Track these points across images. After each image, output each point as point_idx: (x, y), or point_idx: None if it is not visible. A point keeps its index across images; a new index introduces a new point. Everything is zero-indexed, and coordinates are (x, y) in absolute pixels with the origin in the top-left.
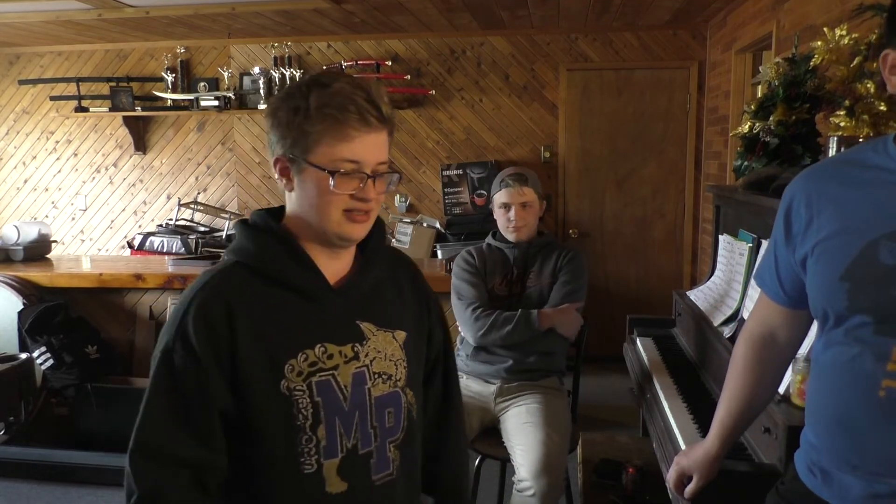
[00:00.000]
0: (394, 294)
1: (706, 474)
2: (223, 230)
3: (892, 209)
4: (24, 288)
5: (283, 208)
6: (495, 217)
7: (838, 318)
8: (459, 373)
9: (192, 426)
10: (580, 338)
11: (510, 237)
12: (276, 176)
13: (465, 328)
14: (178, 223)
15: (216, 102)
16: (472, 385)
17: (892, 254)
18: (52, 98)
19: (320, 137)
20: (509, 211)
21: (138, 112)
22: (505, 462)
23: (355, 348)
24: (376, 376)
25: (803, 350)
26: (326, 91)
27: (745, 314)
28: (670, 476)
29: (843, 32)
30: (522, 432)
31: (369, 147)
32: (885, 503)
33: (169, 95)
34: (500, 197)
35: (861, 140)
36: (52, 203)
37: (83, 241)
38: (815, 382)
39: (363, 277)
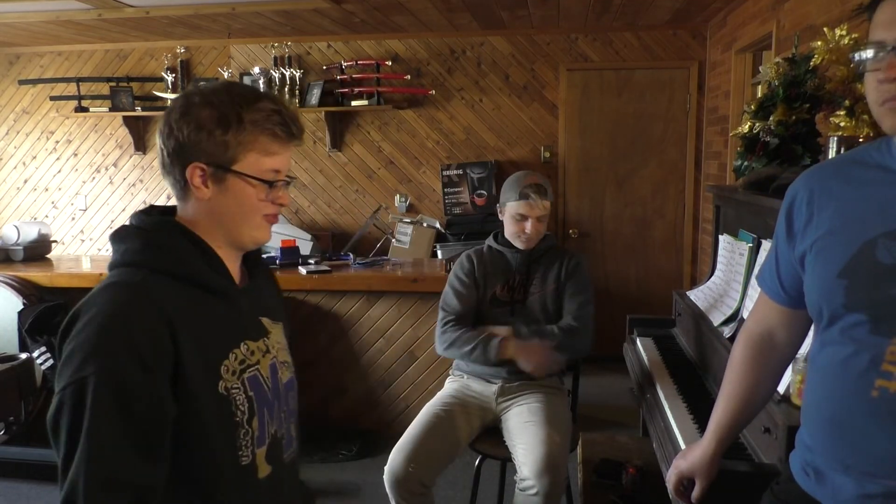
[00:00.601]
0: (268, 287)
1: (707, 475)
2: None
3: (892, 208)
4: (24, 288)
5: (169, 211)
6: (504, 222)
7: (834, 316)
8: (460, 372)
9: (147, 448)
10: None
11: (519, 245)
12: (186, 182)
13: (436, 336)
14: None
15: None
16: (473, 385)
17: (890, 253)
18: (52, 98)
19: (250, 149)
20: (525, 222)
21: (138, 112)
22: (505, 462)
23: (266, 342)
24: (282, 365)
25: (803, 350)
26: (257, 106)
27: (745, 314)
28: (669, 479)
29: (843, 32)
30: (524, 431)
31: (287, 158)
32: (877, 503)
33: (169, 95)
34: (517, 207)
35: (861, 140)
36: (52, 203)
37: (83, 241)
38: (811, 382)
39: (254, 276)
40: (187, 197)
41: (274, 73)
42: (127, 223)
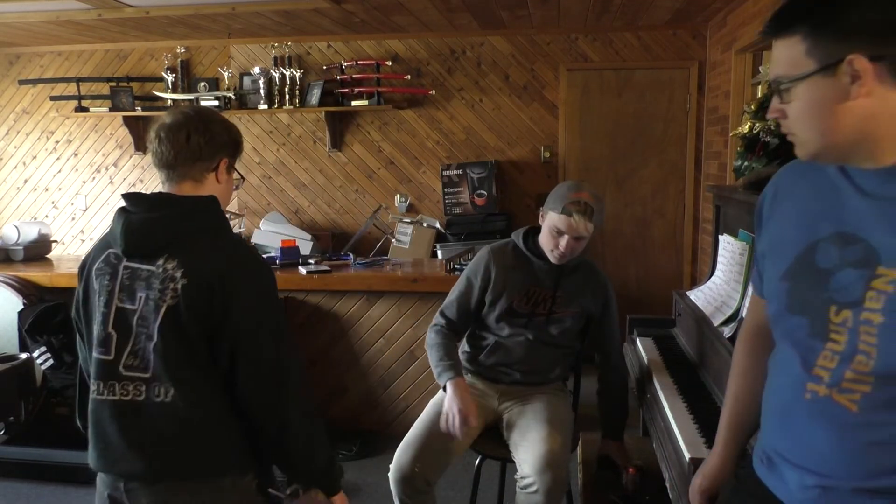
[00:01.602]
0: None
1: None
2: None
3: (838, 212)
4: (24, 288)
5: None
6: (543, 229)
7: (777, 317)
8: (465, 371)
9: None
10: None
11: (551, 259)
12: (221, 172)
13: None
14: None
15: (216, 102)
16: (478, 384)
17: (828, 257)
18: (52, 98)
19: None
20: (560, 237)
21: (138, 112)
22: (505, 462)
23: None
24: None
25: None
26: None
27: (745, 314)
28: (693, 500)
29: None
30: (526, 430)
31: None
32: (812, 494)
33: (169, 95)
34: (556, 221)
35: None
36: (52, 203)
37: (83, 241)
38: (769, 373)
39: None
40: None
41: (274, 73)
42: (186, 199)
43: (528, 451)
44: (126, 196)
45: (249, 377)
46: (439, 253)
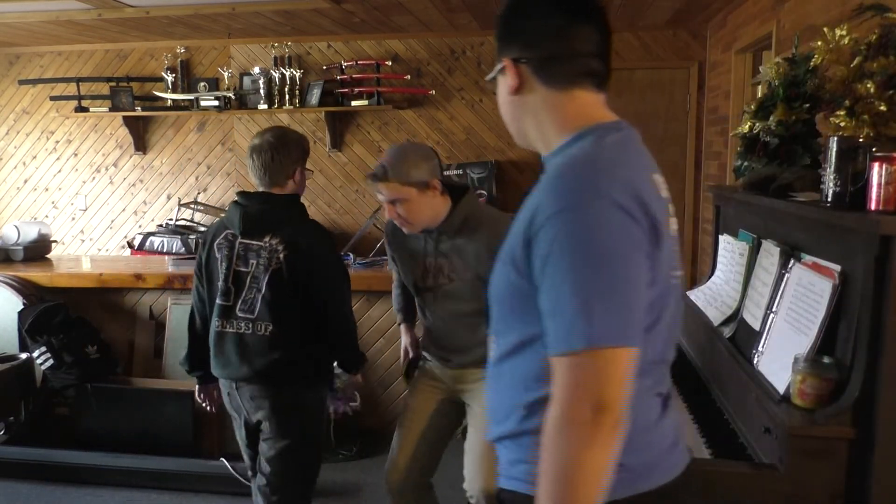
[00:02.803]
0: None
1: None
2: None
3: None
4: (24, 288)
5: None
6: None
7: None
8: (424, 358)
9: None
10: None
11: (404, 230)
12: (296, 176)
13: None
14: (178, 223)
15: (216, 102)
16: (435, 370)
17: None
18: (52, 98)
19: None
20: (387, 206)
21: (138, 112)
22: None
23: None
24: None
25: (803, 350)
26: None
27: (745, 314)
28: None
29: (843, 32)
30: (470, 441)
31: None
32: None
33: (169, 95)
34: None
35: (861, 140)
36: (52, 203)
37: (83, 241)
38: None
39: None
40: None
41: (274, 73)
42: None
43: (468, 464)
44: (239, 193)
45: (334, 309)
46: None
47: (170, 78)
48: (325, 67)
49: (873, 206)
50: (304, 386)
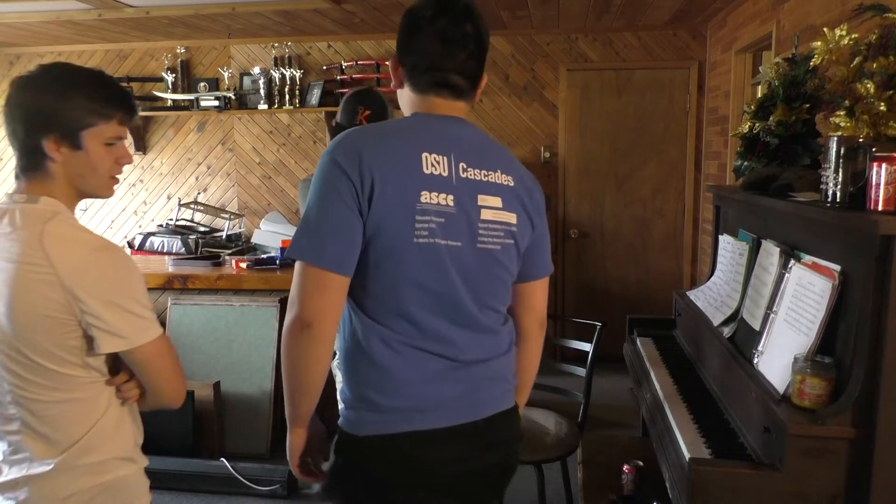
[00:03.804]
0: None
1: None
2: (223, 230)
3: None
4: None
5: None
6: None
7: None
8: None
9: None
10: (598, 337)
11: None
12: None
13: None
14: (178, 223)
15: (216, 102)
16: None
17: None
18: None
19: None
20: None
21: (138, 112)
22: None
23: None
24: None
25: (802, 350)
26: None
27: (745, 314)
28: None
29: (843, 32)
30: None
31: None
32: None
33: (169, 95)
34: None
35: (861, 140)
36: None
37: None
38: None
39: None
40: None
41: (274, 73)
42: None
43: None
44: None
45: None
46: None
47: (170, 78)
48: (325, 67)
49: (873, 206)
50: None
